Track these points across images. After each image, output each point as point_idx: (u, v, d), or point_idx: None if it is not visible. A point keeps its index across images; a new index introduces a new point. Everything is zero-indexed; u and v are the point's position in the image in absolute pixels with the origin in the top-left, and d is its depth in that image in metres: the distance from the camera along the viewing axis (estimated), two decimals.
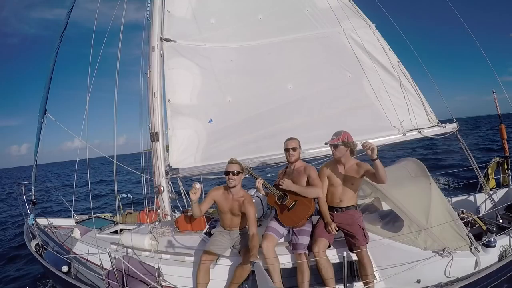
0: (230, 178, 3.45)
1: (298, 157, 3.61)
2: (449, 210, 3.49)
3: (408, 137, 4.57)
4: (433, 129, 4.61)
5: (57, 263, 3.99)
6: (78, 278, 3.81)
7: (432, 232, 3.28)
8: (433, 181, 3.68)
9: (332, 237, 3.42)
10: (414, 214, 3.41)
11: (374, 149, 2.96)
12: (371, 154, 2.98)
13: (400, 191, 3.62)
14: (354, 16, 4.92)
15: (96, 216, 5.20)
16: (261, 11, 5.23)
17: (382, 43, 4.88)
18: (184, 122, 4.89)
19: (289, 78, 5.08)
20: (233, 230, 3.67)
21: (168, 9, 4.89)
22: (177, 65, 4.91)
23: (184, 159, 4.82)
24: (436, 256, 3.18)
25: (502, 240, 3.38)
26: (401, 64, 4.80)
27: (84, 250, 4.11)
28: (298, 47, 5.14)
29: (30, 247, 4.58)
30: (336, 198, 3.48)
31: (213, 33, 5.16)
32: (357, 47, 4.88)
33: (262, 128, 4.93)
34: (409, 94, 4.77)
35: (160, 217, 4.63)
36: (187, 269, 3.61)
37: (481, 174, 4.44)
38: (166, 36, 4.83)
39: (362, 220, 3.44)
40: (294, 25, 5.17)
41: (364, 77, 4.83)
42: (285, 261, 3.41)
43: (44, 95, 4.86)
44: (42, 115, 4.85)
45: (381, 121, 4.72)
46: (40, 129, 4.93)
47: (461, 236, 3.32)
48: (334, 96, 4.93)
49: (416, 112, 4.71)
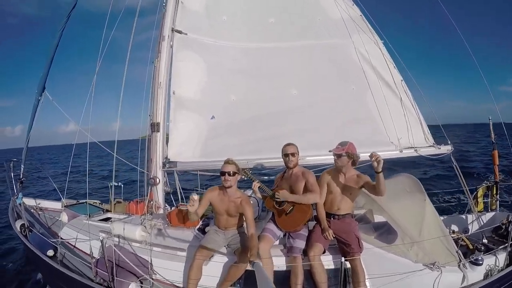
0: (226, 179, 3.39)
1: (296, 163, 3.63)
2: (441, 226, 3.62)
3: (405, 154, 4.70)
4: (429, 149, 4.77)
5: (42, 246, 3.84)
6: (63, 264, 3.67)
7: (424, 246, 3.39)
8: (427, 197, 3.81)
9: (327, 243, 3.46)
10: (408, 227, 3.52)
11: (380, 161, 3.01)
12: (376, 166, 3.03)
13: (395, 204, 3.73)
14: (364, 30, 5.05)
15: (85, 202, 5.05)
16: (273, 14, 5.29)
17: (387, 61, 5.02)
18: (186, 115, 4.85)
19: (294, 83, 5.14)
20: (228, 230, 3.64)
21: (182, 1, 4.87)
22: (185, 57, 4.88)
23: (182, 153, 4.77)
24: (426, 269, 3.28)
25: (488, 260, 3.53)
26: (404, 83, 4.96)
27: (71, 235, 3.97)
28: (306, 54, 5.22)
29: (15, 227, 4.39)
30: (334, 205, 3.54)
31: (224, 31, 5.18)
32: (364, 62, 5.00)
33: (263, 130, 4.94)
34: (409, 113, 4.93)
35: (153, 209, 4.55)
36: (179, 263, 3.56)
37: (471, 196, 4.63)
38: (178, 28, 4.80)
39: (358, 229, 3.51)
40: (304, 32, 5.25)
41: (368, 91, 4.95)
42: (279, 263, 3.42)
43: (44, 72, 4.70)
44: (40, 93, 4.69)
45: (380, 136, 4.84)
46: (36, 107, 4.76)
47: (451, 252, 3.44)
48: (336, 106, 5.02)
49: (414, 131, 4.86)
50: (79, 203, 5.10)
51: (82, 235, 3.81)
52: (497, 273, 3.51)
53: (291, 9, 5.32)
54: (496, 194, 4.87)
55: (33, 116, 4.86)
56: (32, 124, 4.93)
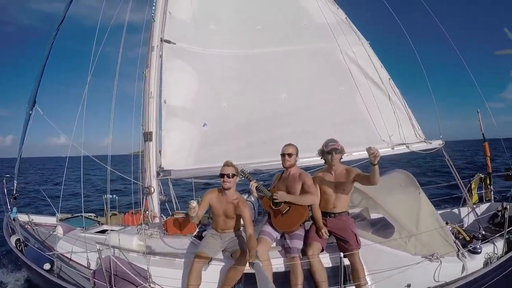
0: (225, 181, 3.44)
1: (293, 163, 3.64)
2: (437, 218, 3.65)
3: (396, 151, 4.75)
4: (420, 144, 4.83)
5: (38, 260, 3.78)
6: (60, 277, 3.62)
7: (421, 238, 3.41)
8: (422, 190, 3.84)
9: (324, 242, 3.45)
10: (404, 220, 3.54)
11: (377, 156, 2.98)
12: (373, 159, 3.00)
13: (391, 199, 3.76)
14: (349, 32, 5.18)
15: (80, 215, 4.99)
16: (260, 21, 5.41)
17: (374, 61, 5.13)
18: (178, 124, 4.86)
19: (284, 88, 5.21)
20: (225, 233, 3.62)
21: (170, 11, 4.95)
22: (175, 67, 4.93)
23: (176, 161, 4.76)
24: (425, 261, 3.30)
25: (487, 248, 3.55)
26: (392, 81, 5.06)
27: (67, 248, 3.91)
28: (294, 59, 5.31)
29: (10, 242, 4.31)
30: (330, 204, 3.53)
31: (212, 39, 5.26)
32: (351, 63, 5.11)
33: (255, 135, 4.97)
34: (398, 110, 5.01)
35: (148, 219, 4.51)
36: (177, 271, 3.51)
37: (465, 188, 4.66)
38: (166, 38, 4.87)
39: (354, 226, 3.51)
40: (291, 37, 5.36)
41: (357, 91, 5.03)
42: (278, 265, 3.40)
43: (34, 86, 4.71)
44: (31, 107, 4.68)
45: (371, 134, 4.89)
46: (27, 121, 4.74)
47: (449, 242, 3.45)
48: (326, 108, 5.08)
49: (405, 127, 4.93)
50: (74, 217, 5.04)
51: (78, 248, 3.76)
52: (497, 260, 3.52)
53: (278, 15, 5.45)
54: (490, 185, 4.92)
55: (24, 131, 4.84)
56: (24, 138, 4.90)
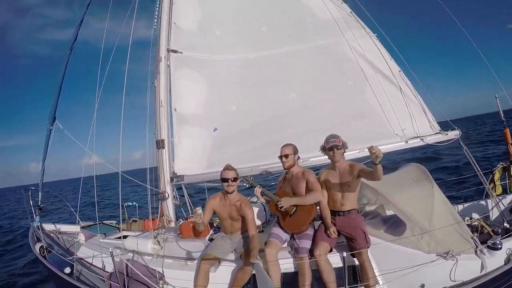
0: (229, 185, 3.51)
1: (292, 164, 3.61)
2: (452, 213, 3.45)
3: (410, 144, 4.56)
4: (435, 136, 4.61)
5: (60, 265, 4.06)
6: (80, 280, 3.85)
7: (435, 235, 3.24)
8: (435, 184, 3.66)
9: (333, 241, 3.40)
10: (416, 217, 3.38)
11: (379, 157, 2.86)
12: (375, 159, 2.88)
13: (402, 195, 3.61)
14: (355, 26, 5.07)
15: (101, 222, 5.26)
16: (264, 23, 5.43)
17: (383, 53, 4.99)
18: (189, 130, 4.98)
19: (292, 88, 5.18)
20: (234, 235, 3.69)
21: (175, 22, 5.11)
22: (183, 75, 5.06)
23: (189, 166, 4.88)
24: (440, 259, 3.13)
25: (509, 243, 3.31)
26: (402, 73, 4.89)
27: (87, 253, 4.15)
28: (301, 58, 5.28)
29: (34, 249, 4.64)
30: (337, 202, 3.47)
31: (218, 45, 5.35)
32: (359, 57, 4.99)
33: (266, 136, 4.97)
34: (411, 102, 4.81)
35: (164, 223, 4.67)
36: (190, 273, 3.60)
37: (487, 180, 4.38)
38: (173, 48, 5.03)
39: (364, 224, 3.42)
40: (297, 36, 5.34)
41: (366, 85, 4.90)
42: (287, 265, 3.39)
43: (54, 102, 5.04)
44: (51, 123, 5.01)
45: (384, 129, 4.73)
46: (48, 137, 5.08)
47: (466, 238, 3.27)
48: (336, 105, 4.99)
49: (418, 120, 4.72)
50: (95, 224, 5.33)
51: (97, 253, 3.98)
52: None
53: (282, 15, 5.45)
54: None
55: (46, 145, 5.17)
56: (46, 153, 5.25)
